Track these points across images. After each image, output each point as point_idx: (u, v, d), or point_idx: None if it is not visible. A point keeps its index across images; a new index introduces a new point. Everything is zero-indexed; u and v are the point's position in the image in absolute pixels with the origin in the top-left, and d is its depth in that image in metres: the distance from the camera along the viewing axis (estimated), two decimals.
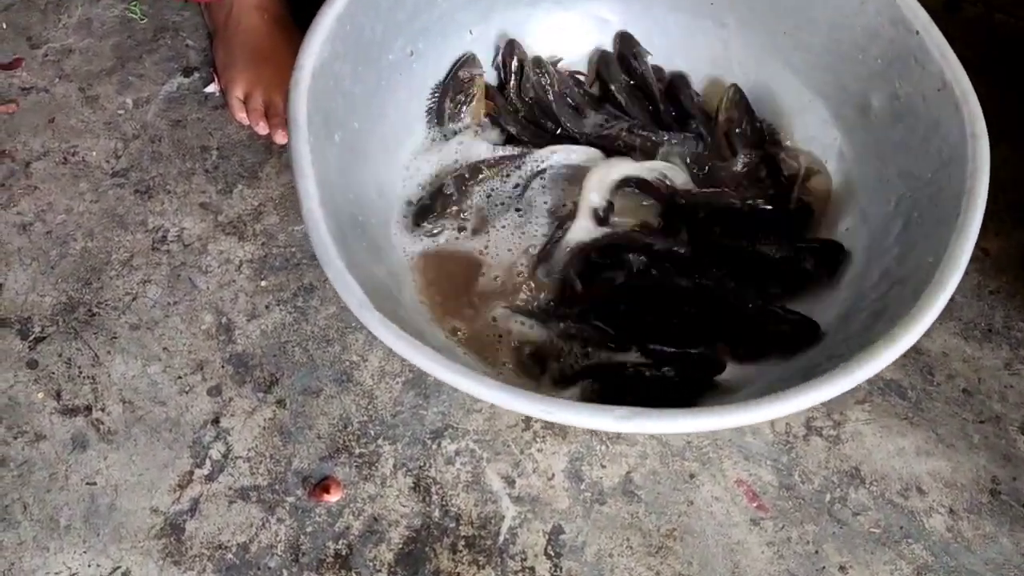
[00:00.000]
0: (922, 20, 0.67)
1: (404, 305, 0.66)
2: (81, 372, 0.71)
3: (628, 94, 0.81)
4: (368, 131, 0.72)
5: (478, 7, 0.80)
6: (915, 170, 0.67)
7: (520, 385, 0.63)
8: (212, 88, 0.86)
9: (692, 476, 0.69)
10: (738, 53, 0.82)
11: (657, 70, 0.84)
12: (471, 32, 0.81)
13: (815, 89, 0.78)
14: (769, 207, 0.74)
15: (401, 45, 0.75)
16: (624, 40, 0.84)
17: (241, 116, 0.83)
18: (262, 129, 0.82)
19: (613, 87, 0.81)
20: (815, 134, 0.78)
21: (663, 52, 0.85)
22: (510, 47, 0.81)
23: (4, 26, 0.90)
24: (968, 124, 0.62)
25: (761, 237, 0.72)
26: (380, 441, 0.69)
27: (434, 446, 0.69)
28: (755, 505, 0.68)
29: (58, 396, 0.70)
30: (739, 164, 0.77)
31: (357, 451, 0.69)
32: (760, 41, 0.80)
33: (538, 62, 0.81)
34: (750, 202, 0.74)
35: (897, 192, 0.69)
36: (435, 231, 0.73)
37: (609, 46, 0.85)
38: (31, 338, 0.72)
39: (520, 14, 0.83)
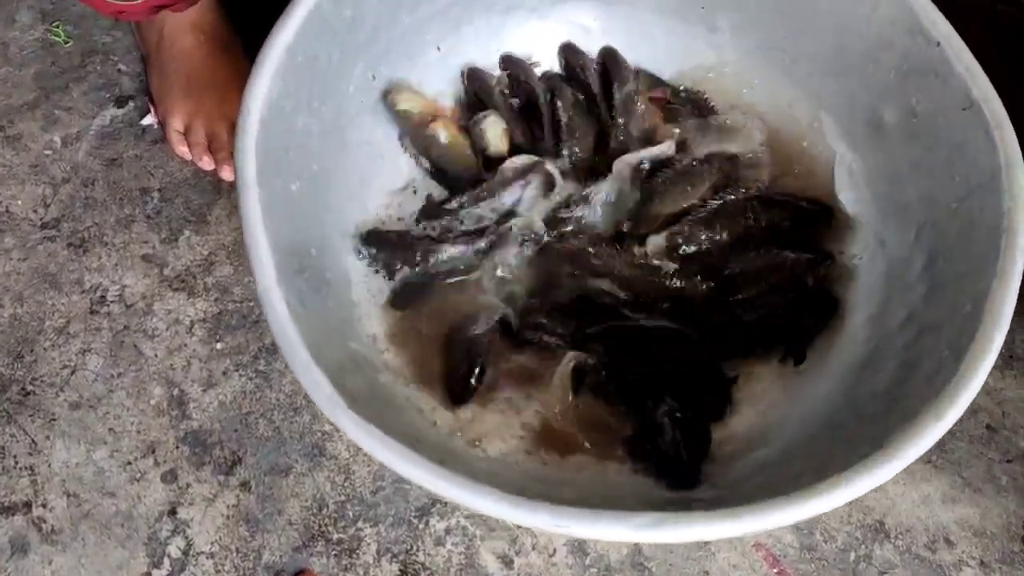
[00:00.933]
0: (943, 30, 0.60)
1: (379, 375, 0.59)
2: (17, 462, 0.63)
3: (575, 114, 0.73)
4: (329, 171, 0.64)
5: (446, 19, 0.71)
6: (938, 196, 0.61)
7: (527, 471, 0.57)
8: (149, 120, 0.76)
9: (706, 543, 0.63)
10: (733, 61, 0.75)
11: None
12: (439, 48, 0.73)
13: (820, 101, 0.71)
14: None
15: (361, 71, 0.67)
16: (568, 51, 0.76)
17: (182, 150, 0.74)
18: (206, 164, 0.73)
19: (560, 109, 0.72)
20: (819, 150, 0.71)
21: (649, 61, 0.77)
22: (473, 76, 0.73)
23: None
24: (1001, 152, 0.55)
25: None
26: (360, 523, 0.62)
27: (421, 525, 0.62)
28: (776, 571, 0.62)
29: None
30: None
31: (335, 537, 0.61)
32: (757, 48, 0.73)
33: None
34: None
35: (918, 220, 0.62)
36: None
37: (592, 54, 0.77)
38: None
39: (492, 24, 0.75)
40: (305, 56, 0.60)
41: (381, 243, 0.65)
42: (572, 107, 0.72)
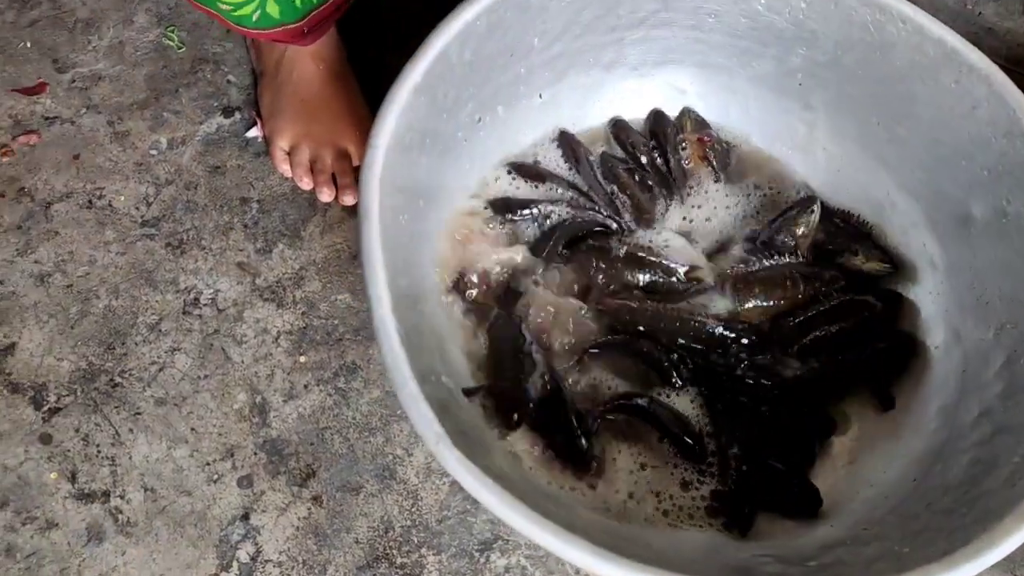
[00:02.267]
0: None
1: (464, 412, 0.60)
2: (100, 451, 0.65)
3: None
4: (429, 206, 0.66)
5: (553, 70, 0.74)
6: (1022, 298, 0.62)
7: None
8: (254, 133, 0.79)
9: None
10: (823, 139, 0.77)
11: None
12: (540, 96, 0.75)
13: (908, 188, 0.73)
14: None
15: (470, 111, 0.69)
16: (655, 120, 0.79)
17: (284, 168, 0.76)
18: (306, 185, 0.76)
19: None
20: (903, 236, 0.73)
21: (739, 128, 0.80)
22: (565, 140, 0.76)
23: (28, 45, 0.83)
24: None
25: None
26: (424, 550, 0.63)
27: (482, 560, 0.63)
28: None
29: (73, 478, 0.64)
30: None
31: (399, 561, 0.63)
32: (850, 129, 0.75)
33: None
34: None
35: (999, 319, 0.63)
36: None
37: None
38: (46, 408, 0.66)
39: (592, 78, 0.77)
40: (427, 96, 0.62)
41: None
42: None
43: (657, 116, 0.78)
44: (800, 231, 0.71)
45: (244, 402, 0.67)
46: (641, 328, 0.67)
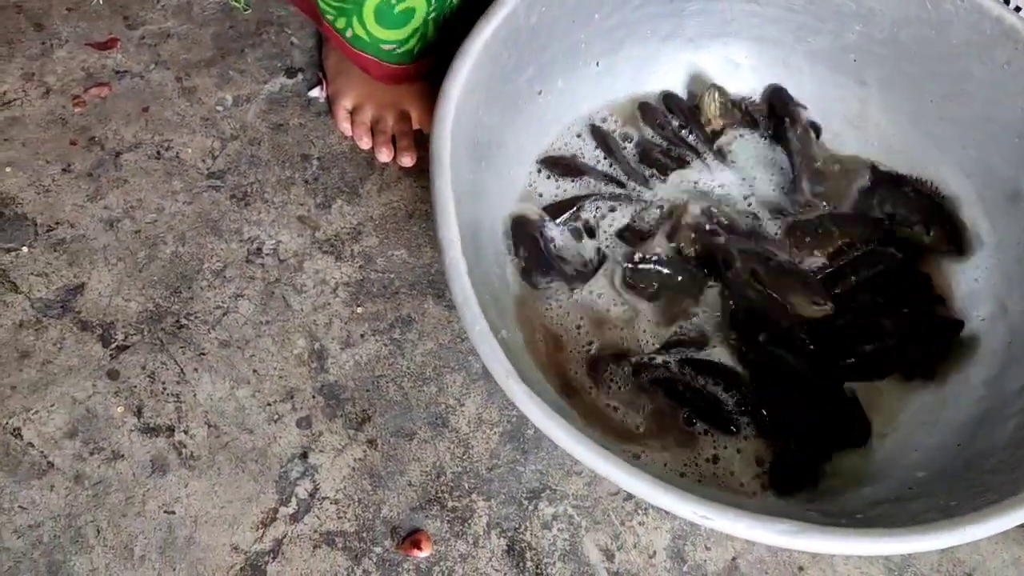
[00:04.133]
0: None
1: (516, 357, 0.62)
2: (165, 388, 0.67)
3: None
4: (488, 167, 0.68)
5: (611, 39, 0.75)
6: None
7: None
8: (316, 93, 0.81)
9: (801, 569, 0.65)
10: (876, 115, 0.78)
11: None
12: (598, 64, 0.77)
13: (958, 165, 0.74)
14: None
15: (529, 76, 0.71)
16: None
17: (345, 127, 0.79)
18: (365, 144, 0.78)
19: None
20: (953, 211, 0.74)
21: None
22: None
23: (101, 2, 0.85)
24: None
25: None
26: (474, 496, 0.65)
27: (531, 507, 0.65)
28: None
29: (139, 413, 0.66)
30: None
31: (450, 504, 0.65)
32: (903, 106, 0.76)
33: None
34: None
35: None
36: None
37: (739, 88, 0.81)
38: (113, 346, 0.68)
39: (649, 49, 0.79)
40: (492, 54, 0.64)
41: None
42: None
43: (669, 97, 0.80)
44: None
45: (303, 348, 0.69)
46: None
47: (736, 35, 0.78)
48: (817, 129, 0.79)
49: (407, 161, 0.78)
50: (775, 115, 0.78)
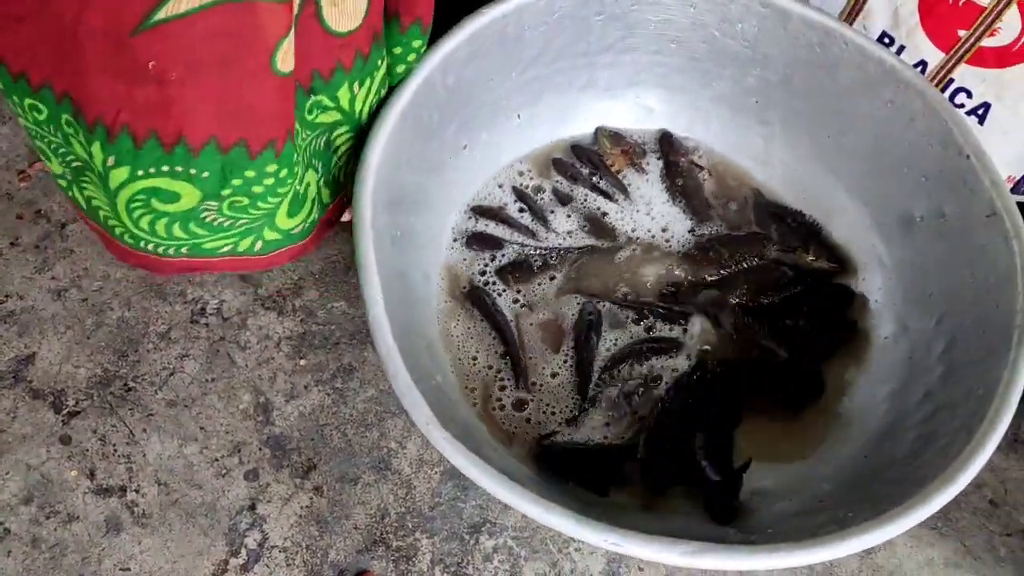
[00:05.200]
0: (974, 145, 0.68)
1: (452, 402, 0.66)
2: (116, 450, 0.70)
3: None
4: (417, 220, 0.72)
5: (529, 92, 0.80)
6: (959, 291, 0.68)
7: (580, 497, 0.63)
8: None
9: None
10: (780, 150, 0.83)
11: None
12: (519, 116, 0.82)
13: (857, 194, 0.79)
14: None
15: (454, 130, 0.75)
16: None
17: None
18: None
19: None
20: (853, 237, 0.79)
21: (704, 141, 0.86)
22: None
23: None
24: (1018, 257, 0.63)
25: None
26: (418, 534, 0.69)
27: (472, 541, 0.69)
28: None
29: (92, 475, 0.69)
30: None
31: (395, 544, 0.68)
32: (803, 141, 0.82)
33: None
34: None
35: (940, 309, 0.70)
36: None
37: (650, 133, 0.86)
38: (65, 412, 0.71)
39: (568, 99, 0.84)
40: (413, 117, 0.68)
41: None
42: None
43: (575, 147, 0.85)
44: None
45: (249, 402, 0.73)
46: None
47: (647, 83, 0.84)
48: (700, 166, 0.84)
49: (345, 216, 0.81)
50: (666, 157, 0.83)
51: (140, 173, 0.52)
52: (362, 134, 0.65)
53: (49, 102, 0.51)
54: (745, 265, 0.78)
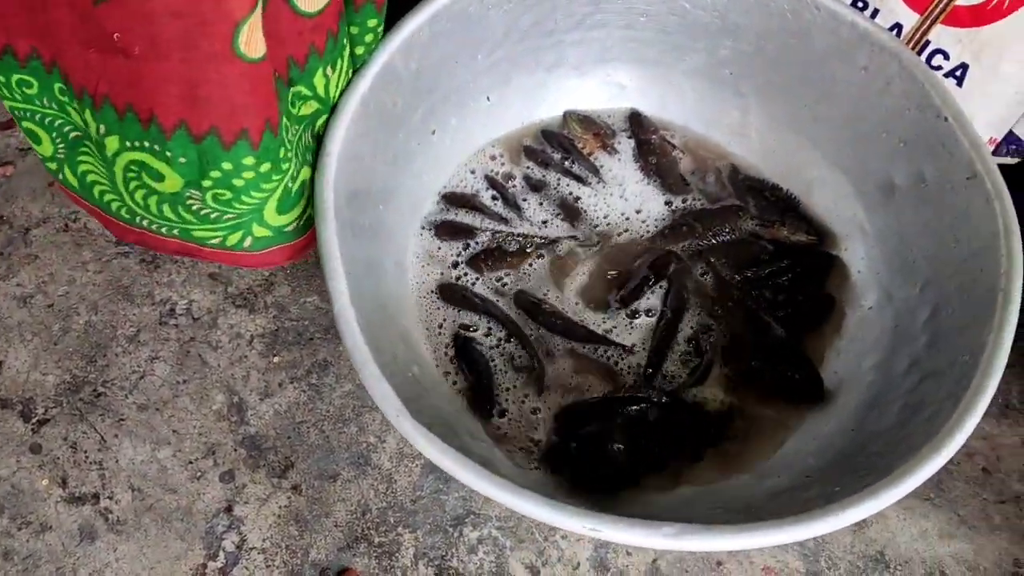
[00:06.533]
0: (952, 107, 0.67)
1: (428, 391, 0.64)
2: (87, 457, 0.68)
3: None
4: (386, 208, 0.70)
5: (497, 73, 0.78)
6: (942, 256, 0.67)
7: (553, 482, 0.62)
8: None
9: (719, 564, 0.68)
10: (756, 122, 0.82)
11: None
12: (488, 99, 0.80)
13: (836, 163, 0.78)
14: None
15: (420, 116, 0.74)
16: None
17: None
18: None
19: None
20: (834, 207, 0.78)
21: (678, 117, 0.85)
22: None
23: None
24: (1000, 220, 0.61)
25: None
26: (400, 529, 0.67)
27: (456, 534, 0.67)
28: None
29: (64, 483, 0.67)
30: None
31: (376, 540, 0.67)
32: (780, 112, 0.80)
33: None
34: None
35: (923, 276, 0.68)
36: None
37: (622, 110, 0.84)
38: (34, 420, 0.69)
39: (536, 79, 0.82)
40: (375, 103, 0.66)
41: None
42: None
43: (545, 132, 0.83)
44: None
45: (222, 403, 0.71)
46: None
47: (618, 59, 0.82)
48: (673, 144, 0.82)
49: None
50: (636, 137, 0.81)
51: (128, 144, 0.53)
52: None
53: (40, 73, 0.52)
54: (722, 239, 0.76)
